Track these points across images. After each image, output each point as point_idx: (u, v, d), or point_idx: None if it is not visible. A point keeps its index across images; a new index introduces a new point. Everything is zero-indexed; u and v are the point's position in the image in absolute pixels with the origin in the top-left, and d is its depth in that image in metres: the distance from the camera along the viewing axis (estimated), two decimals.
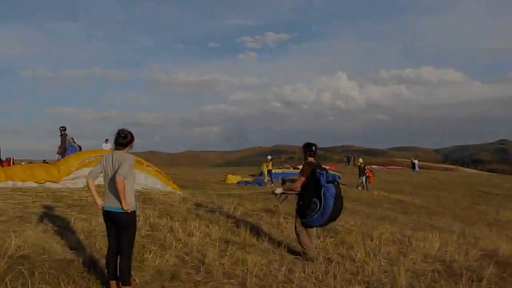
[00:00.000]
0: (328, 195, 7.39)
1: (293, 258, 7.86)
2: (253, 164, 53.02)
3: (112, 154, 5.54)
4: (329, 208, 7.40)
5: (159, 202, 11.88)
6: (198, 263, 7.03)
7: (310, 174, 7.68)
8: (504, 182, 46.71)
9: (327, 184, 7.45)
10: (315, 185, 7.54)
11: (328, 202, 7.38)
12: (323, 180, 7.47)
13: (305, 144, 8.10)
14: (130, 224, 5.51)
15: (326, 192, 7.40)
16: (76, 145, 20.49)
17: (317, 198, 7.46)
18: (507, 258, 9.33)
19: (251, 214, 11.97)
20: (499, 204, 28.72)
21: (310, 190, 7.62)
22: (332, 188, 7.45)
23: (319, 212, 7.43)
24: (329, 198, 7.38)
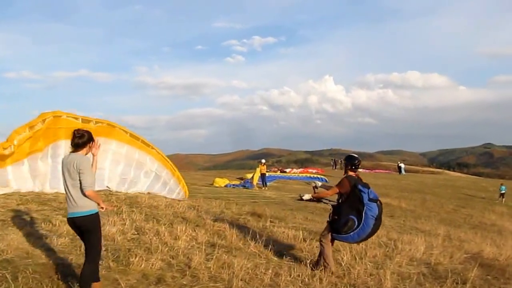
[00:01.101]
0: (369, 214, 6.89)
1: (279, 262, 7.86)
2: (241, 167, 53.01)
3: (69, 156, 5.32)
4: (368, 228, 6.94)
5: (146, 206, 11.82)
6: (184, 266, 7.00)
7: (350, 190, 7.13)
8: (489, 186, 47.13)
9: (370, 203, 6.95)
10: (355, 202, 7.02)
11: (368, 222, 6.90)
12: (365, 198, 6.95)
13: (348, 156, 7.65)
14: (92, 228, 5.36)
15: (368, 211, 6.90)
16: None
17: (355, 216, 6.97)
18: (491, 260, 9.43)
19: (238, 218, 11.97)
20: (484, 208, 29.04)
21: (349, 206, 7.09)
22: (375, 208, 6.95)
23: (356, 230, 6.97)
24: (370, 218, 6.89)
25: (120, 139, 14.09)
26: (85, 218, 5.27)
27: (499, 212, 27.58)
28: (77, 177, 5.18)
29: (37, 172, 12.19)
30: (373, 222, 6.91)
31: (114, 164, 14.06)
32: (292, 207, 18.12)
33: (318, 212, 16.93)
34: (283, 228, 10.97)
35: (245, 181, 30.09)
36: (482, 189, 44.79)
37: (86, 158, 5.34)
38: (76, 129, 5.43)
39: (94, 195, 5.26)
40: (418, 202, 28.04)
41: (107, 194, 13.28)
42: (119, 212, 10.45)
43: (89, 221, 5.31)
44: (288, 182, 36.24)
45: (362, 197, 6.95)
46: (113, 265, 6.60)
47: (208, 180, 31.80)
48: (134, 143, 14.46)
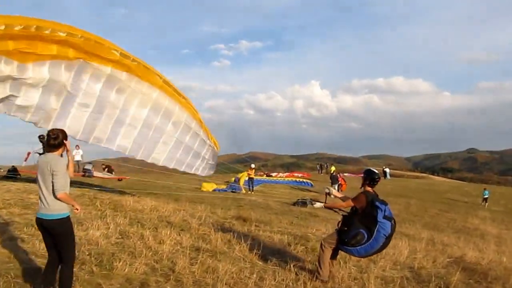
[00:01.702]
0: (382, 233, 6.68)
1: (264, 266, 7.87)
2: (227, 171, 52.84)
3: (45, 157, 5.26)
4: (376, 245, 6.75)
5: (130, 209, 11.76)
6: (168, 271, 6.98)
7: (366, 205, 6.87)
8: (472, 190, 47.62)
9: (384, 221, 6.71)
10: (369, 218, 6.78)
11: (379, 240, 6.70)
12: (380, 216, 6.71)
13: (368, 170, 7.33)
14: (64, 232, 5.24)
15: (380, 229, 6.68)
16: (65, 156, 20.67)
17: (365, 231, 6.75)
18: (473, 264, 9.55)
19: (223, 222, 11.95)
20: (467, 212, 29.34)
21: (361, 220, 6.86)
22: (389, 227, 6.72)
23: (364, 245, 6.78)
24: (381, 237, 6.69)
25: (153, 82, 13.32)
26: (55, 221, 5.16)
27: (482, 216, 27.86)
28: (50, 179, 5.10)
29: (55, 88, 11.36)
30: (383, 241, 6.73)
31: (140, 107, 13.30)
32: (278, 211, 18.14)
33: (303, 216, 16.98)
34: (268, 232, 10.99)
35: (229, 185, 30.03)
36: (466, 193, 45.29)
37: (61, 160, 5.26)
38: (51, 129, 5.38)
39: (66, 198, 5.16)
40: (402, 206, 28.25)
41: (91, 198, 13.20)
42: (103, 216, 10.38)
43: (58, 225, 5.18)
44: (274, 186, 36.23)
45: (377, 213, 6.70)
46: (96, 269, 6.55)
47: (193, 184, 31.69)
48: (166, 89, 13.79)
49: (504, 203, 38.64)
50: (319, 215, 17.81)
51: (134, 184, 24.51)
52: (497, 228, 22.90)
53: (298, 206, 21.87)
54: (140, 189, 21.08)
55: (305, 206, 21.78)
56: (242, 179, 29.72)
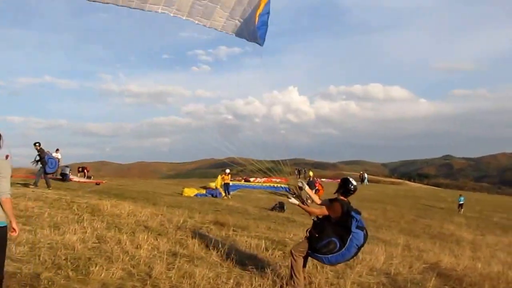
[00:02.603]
0: (354, 243, 6.56)
1: (241, 271, 7.89)
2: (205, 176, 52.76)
3: None
4: (348, 255, 6.68)
5: (108, 214, 11.68)
6: (145, 276, 6.96)
7: (341, 215, 6.70)
8: (448, 196, 48.30)
9: (357, 231, 6.59)
10: (343, 227, 6.63)
11: (351, 250, 6.60)
12: (354, 226, 6.57)
13: (345, 179, 7.16)
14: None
15: (354, 239, 6.55)
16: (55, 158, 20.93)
17: (338, 240, 6.60)
18: (449, 270, 9.71)
19: (200, 227, 11.94)
20: (443, 218, 29.76)
21: (335, 228, 6.69)
22: (361, 237, 6.61)
23: (335, 254, 6.64)
24: (353, 247, 6.58)
25: None
26: None
27: (458, 222, 28.27)
28: None
29: None
30: (355, 251, 6.66)
31: None
32: (255, 216, 18.17)
33: (281, 221, 17.04)
34: (246, 237, 11.01)
35: (208, 190, 30.03)
36: (441, 199, 45.94)
37: (7, 162, 4.91)
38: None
39: (10, 205, 4.75)
40: (379, 212, 28.55)
41: (68, 202, 13.07)
42: (80, 220, 10.31)
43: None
44: (252, 191, 36.32)
45: (351, 223, 6.57)
46: (72, 274, 6.51)
47: (172, 189, 31.58)
48: None
49: (479, 209, 39.29)
50: (296, 220, 17.90)
51: (111, 189, 24.28)
52: (472, 234, 23.23)
53: (276, 211, 21.97)
54: (118, 193, 20.93)
55: (282, 211, 21.88)
56: (218, 184, 29.80)
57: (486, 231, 25.95)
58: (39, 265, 6.75)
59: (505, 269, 10.74)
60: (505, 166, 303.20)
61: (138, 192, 24.06)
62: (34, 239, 8.12)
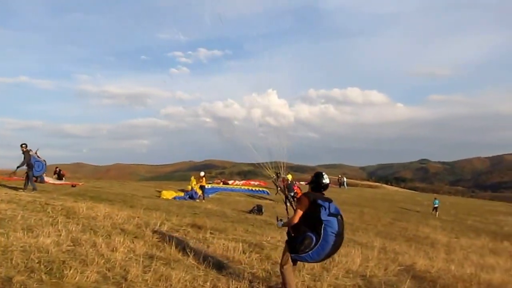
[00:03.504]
0: (329, 231, 6.30)
1: (218, 274, 7.86)
2: (184, 179, 52.50)
3: None
4: (327, 246, 6.35)
5: (83, 216, 11.53)
6: (120, 279, 6.87)
7: (309, 205, 6.53)
8: (424, 200, 48.99)
9: (329, 218, 6.36)
10: (313, 218, 6.43)
11: (328, 239, 6.31)
12: (324, 214, 6.36)
13: (317, 174, 7.02)
14: None
15: (327, 227, 6.31)
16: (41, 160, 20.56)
17: (312, 233, 6.37)
18: (423, 272, 9.84)
19: (178, 229, 11.86)
20: (419, 221, 30.16)
21: (306, 222, 6.52)
22: (335, 224, 6.36)
23: (315, 249, 6.37)
24: (329, 235, 6.30)
25: None
26: None
27: (433, 225, 28.69)
28: None
29: None
30: (333, 239, 6.32)
31: None
32: (233, 219, 18.15)
33: (259, 224, 17.04)
34: (223, 240, 10.97)
35: (186, 193, 29.88)
36: (417, 203, 46.55)
37: None
38: None
39: None
40: (356, 215, 28.78)
41: (42, 204, 12.87)
42: (54, 222, 10.15)
43: None
44: (231, 194, 36.28)
45: (320, 212, 6.36)
46: (45, 278, 6.39)
47: (149, 191, 31.35)
48: None
49: (454, 213, 39.91)
50: (274, 223, 17.89)
51: (88, 191, 23.99)
52: (447, 236, 23.58)
53: (254, 213, 21.98)
54: (94, 196, 20.70)
55: (260, 214, 21.90)
56: (195, 187, 29.74)
57: (460, 233, 26.38)
58: (11, 268, 6.61)
59: (478, 271, 10.97)
60: (479, 170, 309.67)
61: (115, 195, 23.81)
62: (7, 242, 7.95)
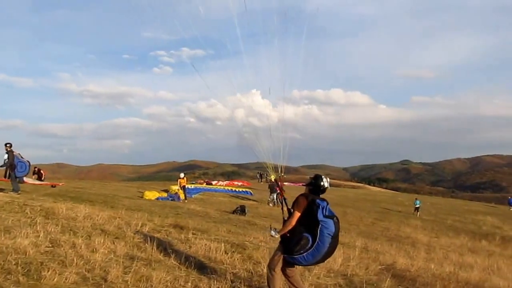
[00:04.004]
0: (325, 232, 6.18)
1: (199, 274, 7.80)
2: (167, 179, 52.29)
3: None
4: (323, 248, 6.22)
5: (63, 217, 11.36)
6: (100, 280, 6.77)
7: (306, 206, 6.42)
8: (405, 200, 49.45)
9: (326, 219, 6.26)
10: (310, 219, 6.32)
11: (324, 240, 6.19)
12: (320, 215, 6.25)
13: (316, 176, 6.79)
14: None
15: (323, 229, 6.19)
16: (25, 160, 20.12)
17: (309, 234, 6.26)
18: (403, 271, 9.90)
19: (160, 230, 11.75)
20: (400, 221, 30.44)
21: (303, 222, 6.39)
22: (331, 225, 6.24)
23: (310, 251, 6.23)
24: (326, 236, 6.18)
25: None
26: None
27: (414, 225, 28.98)
28: None
29: None
30: (329, 241, 6.21)
31: None
32: (216, 219, 18.09)
33: (242, 224, 17.01)
34: (206, 240, 10.89)
35: (169, 194, 29.74)
36: (399, 203, 46.97)
37: None
38: None
39: None
40: (339, 215, 28.35)
41: (20, 205, 12.66)
42: (33, 223, 9.97)
43: None
44: (214, 195, 36.18)
45: (317, 213, 6.26)
46: (22, 279, 6.27)
47: (132, 192, 31.12)
48: None
49: (435, 213, 40.34)
50: (257, 223, 17.91)
51: (68, 191, 23.71)
52: (428, 236, 23.84)
53: (237, 214, 21.93)
54: (75, 196, 20.47)
55: (244, 215, 21.86)
56: (178, 191, 29.68)
57: (440, 233, 26.71)
58: None
59: (456, 270, 11.10)
60: (460, 171, 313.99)
61: (97, 195, 23.57)
62: None
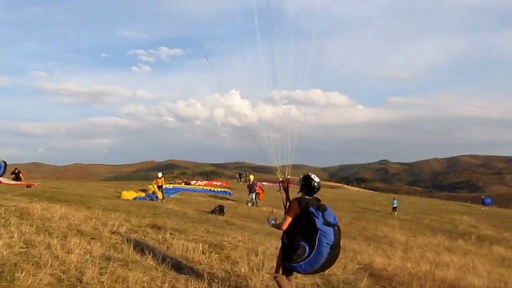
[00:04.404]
0: (324, 242, 5.92)
1: (177, 275, 7.75)
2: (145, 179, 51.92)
3: None
4: (321, 257, 5.96)
5: (38, 218, 11.18)
6: (75, 281, 6.68)
7: (300, 212, 6.17)
8: (383, 200, 49.90)
9: (325, 228, 5.98)
10: (307, 226, 6.04)
11: (322, 250, 5.93)
12: (319, 223, 5.97)
13: (305, 176, 6.57)
14: None
15: (322, 238, 5.93)
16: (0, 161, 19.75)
17: (306, 242, 6.00)
18: (380, 271, 9.98)
19: (137, 230, 11.65)
20: (378, 220, 30.72)
21: (299, 229, 6.14)
22: (331, 234, 5.97)
23: (308, 259, 5.98)
24: (324, 246, 5.92)
25: None
26: None
27: (391, 224, 29.26)
28: None
29: None
30: (328, 251, 5.95)
31: None
32: (194, 219, 18.02)
33: (220, 224, 16.98)
34: (183, 240, 10.83)
35: (147, 194, 29.54)
36: (377, 203, 47.38)
37: None
38: None
39: None
40: None
41: None
42: (6, 224, 9.81)
43: None
44: (192, 194, 36.04)
45: (315, 222, 5.98)
46: None
47: (109, 192, 30.81)
48: None
49: (412, 212, 40.78)
50: (236, 223, 17.89)
51: (44, 191, 23.38)
52: (405, 235, 24.09)
53: (216, 214, 21.88)
54: (51, 196, 20.19)
55: (222, 215, 21.82)
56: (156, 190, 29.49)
57: (417, 232, 27.01)
58: None
59: (433, 268, 11.23)
60: (437, 170, 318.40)
61: (73, 195, 23.30)
62: None
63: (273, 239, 12.95)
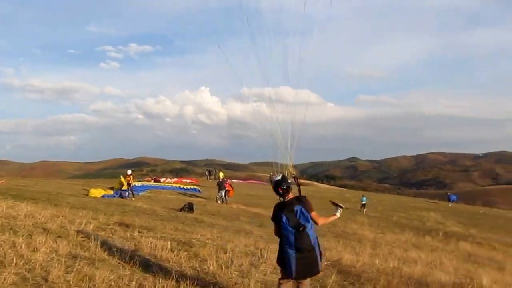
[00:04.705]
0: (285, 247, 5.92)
1: (144, 273, 7.70)
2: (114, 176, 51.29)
3: None
4: (290, 263, 5.86)
5: (2, 216, 10.96)
6: (41, 280, 6.58)
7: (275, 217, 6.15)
8: (352, 197, 50.42)
9: (286, 232, 5.90)
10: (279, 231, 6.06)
11: (288, 255, 5.88)
12: (284, 225, 5.90)
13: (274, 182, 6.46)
14: None
15: (284, 243, 5.93)
16: None
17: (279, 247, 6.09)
18: (348, 267, 10.11)
19: (104, 228, 11.53)
20: (347, 217, 30.95)
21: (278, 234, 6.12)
22: (291, 237, 5.86)
23: (285, 265, 5.96)
24: (286, 251, 5.89)
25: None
26: None
27: (360, 221, 29.61)
28: None
29: None
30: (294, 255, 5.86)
31: None
32: (163, 217, 17.91)
33: (189, 222, 16.92)
34: (152, 238, 10.76)
35: (115, 191, 29.19)
36: (346, 200, 47.76)
37: None
38: None
39: None
40: None
41: None
42: None
43: None
44: (162, 192, 35.78)
45: (281, 223, 5.95)
46: None
47: (77, 189, 30.34)
48: None
49: (381, 209, 41.40)
50: (205, 221, 17.86)
51: (10, 189, 22.89)
52: (374, 232, 24.41)
53: (185, 211, 21.80)
54: (17, 194, 19.79)
55: (191, 212, 21.74)
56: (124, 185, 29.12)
57: (386, 229, 27.43)
58: None
59: (400, 265, 11.43)
60: (405, 168, 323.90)
61: (39, 193, 22.89)
62: None
63: (242, 237, 13.00)
